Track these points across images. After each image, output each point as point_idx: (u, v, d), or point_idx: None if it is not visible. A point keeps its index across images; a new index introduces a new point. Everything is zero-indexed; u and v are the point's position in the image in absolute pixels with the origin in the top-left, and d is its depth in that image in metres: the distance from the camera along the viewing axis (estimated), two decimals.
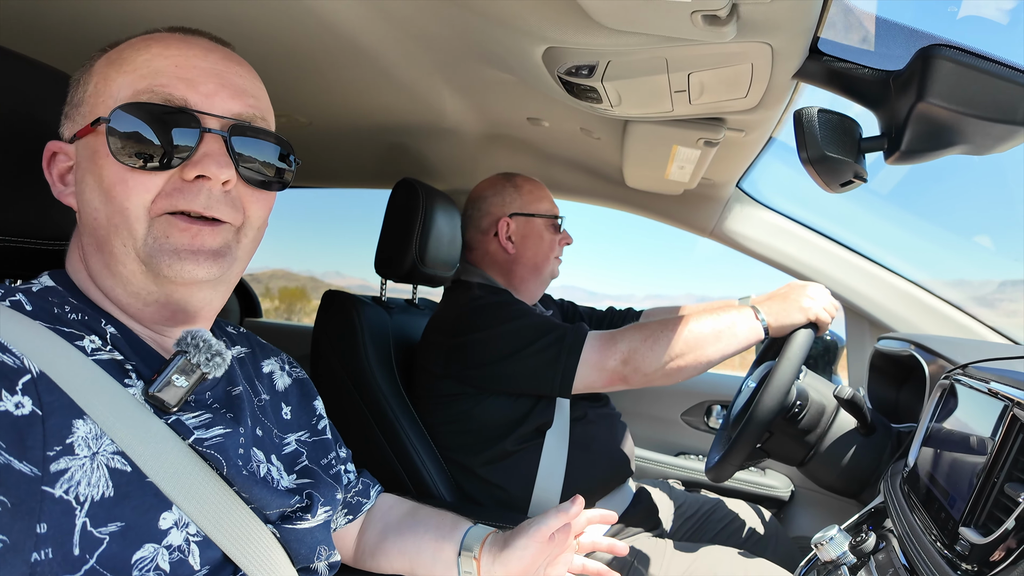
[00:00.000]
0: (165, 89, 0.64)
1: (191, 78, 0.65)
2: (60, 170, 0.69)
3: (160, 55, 0.66)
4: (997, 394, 0.76)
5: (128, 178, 0.63)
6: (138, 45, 0.67)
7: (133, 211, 0.63)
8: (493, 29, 1.00)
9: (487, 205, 1.61)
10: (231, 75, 0.69)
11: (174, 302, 0.68)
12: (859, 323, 1.84)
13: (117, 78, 0.65)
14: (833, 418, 1.24)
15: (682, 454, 2.16)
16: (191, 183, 0.65)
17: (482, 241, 1.62)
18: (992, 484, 0.68)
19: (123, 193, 0.63)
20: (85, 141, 0.66)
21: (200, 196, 0.65)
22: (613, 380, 1.29)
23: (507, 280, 1.60)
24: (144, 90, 0.64)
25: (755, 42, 0.87)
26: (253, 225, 0.72)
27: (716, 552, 1.37)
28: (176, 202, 0.64)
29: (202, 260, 0.65)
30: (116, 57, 0.67)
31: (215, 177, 0.64)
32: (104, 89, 0.66)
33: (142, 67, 0.65)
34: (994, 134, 0.82)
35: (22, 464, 0.51)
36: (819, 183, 0.92)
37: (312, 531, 0.77)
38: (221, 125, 0.66)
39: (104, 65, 0.67)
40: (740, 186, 1.84)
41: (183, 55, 0.66)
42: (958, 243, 2.22)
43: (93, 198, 0.65)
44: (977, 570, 0.63)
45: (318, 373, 1.51)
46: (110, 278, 0.67)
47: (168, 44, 0.67)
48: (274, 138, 0.72)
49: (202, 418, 0.68)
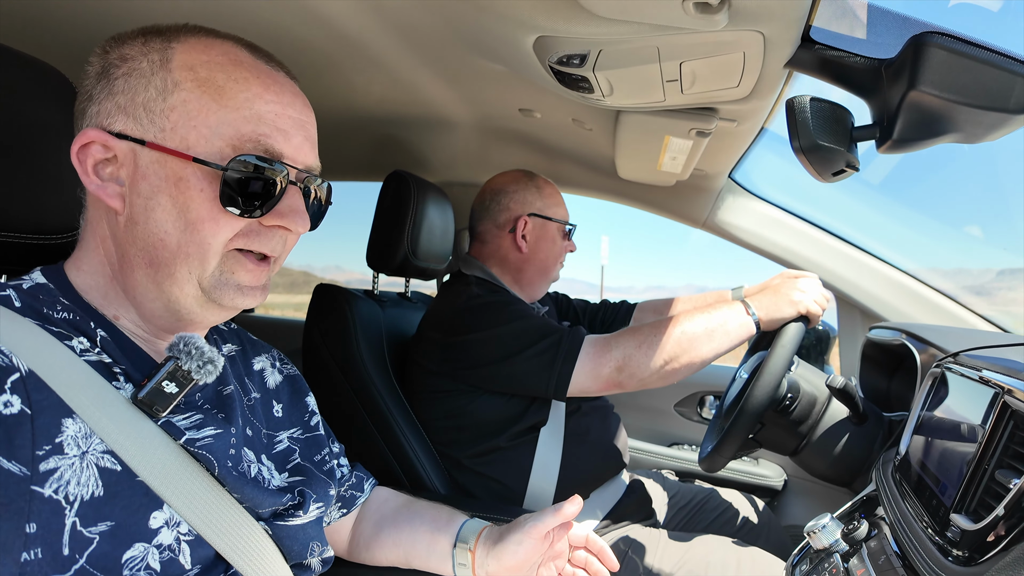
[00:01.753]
0: (267, 140, 0.66)
1: (286, 130, 0.68)
2: (95, 160, 0.65)
3: (261, 97, 0.66)
4: (988, 382, 0.76)
5: (219, 218, 0.65)
6: (234, 75, 0.65)
7: (214, 247, 0.65)
8: (483, 18, 0.99)
9: (508, 200, 1.58)
10: (310, 127, 0.72)
11: (204, 320, 0.71)
12: (851, 313, 1.85)
13: (217, 111, 0.64)
14: (825, 408, 1.25)
15: (675, 445, 2.17)
16: (268, 228, 0.69)
17: (497, 235, 1.60)
18: (983, 471, 0.68)
19: (211, 231, 0.65)
20: (162, 158, 0.63)
21: (273, 240, 0.70)
22: (608, 386, 1.29)
23: (514, 278, 1.59)
24: (248, 137, 0.65)
25: (747, 30, 0.87)
26: (284, 257, 0.76)
27: (710, 541, 1.38)
28: (251, 243, 0.68)
29: (257, 294, 0.71)
30: (208, 79, 0.64)
31: (296, 232, 0.70)
32: (199, 114, 0.63)
33: (244, 107, 0.65)
34: (986, 122, 0.82)
35: (11, 463, 0.51)
36: (811, 172, 0.92)
37: (305, 527, 0.77)
38: (298, 177, 0.70)
39: (194, 84, 0.64)
40: (732, 177, 1.84)
41: (280, 102, 0.68)
42: (949, 233, 2.23)
43: (166, 220, 0.64)
44: (968, 556, 0.64)
45: (310, 367, 1.50)
46: (153, 291, 0.66)
47: (267, 85, 0.67)
48: (329, 187, 0.77)
49: (193, 419, 0.67)
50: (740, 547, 1.35)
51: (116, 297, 0.68)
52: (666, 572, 1.31)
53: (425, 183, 1.60)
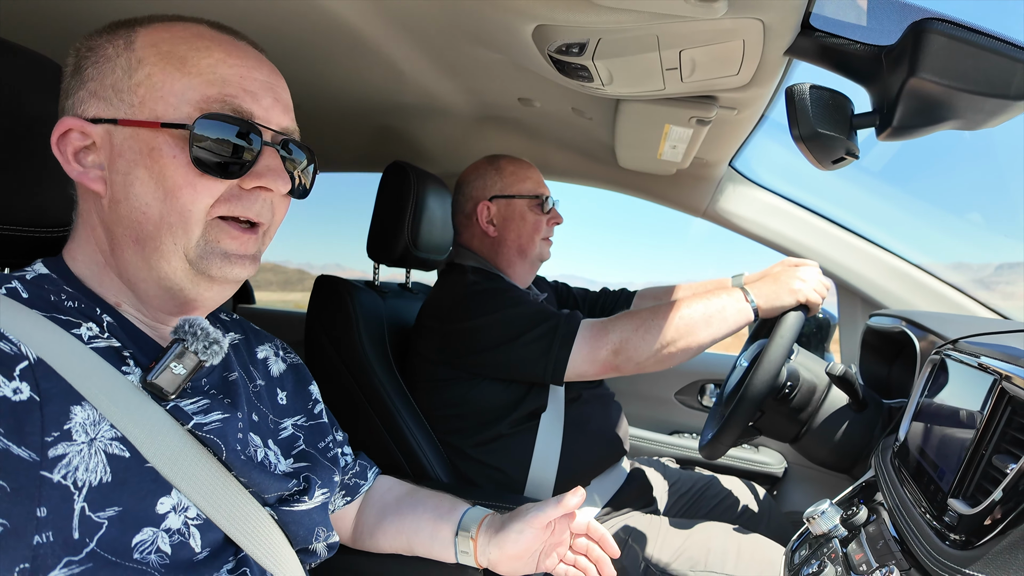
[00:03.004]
0: (235, 100, 0.66)
1: (254, 91, 0.68)
2: (75, 148, 0.66)
3: (224, 62, 0.67)
4: (986, 368, 0.76)
5: (196, 183, 0.65)
6: (196, 44, 0.66)
7: (195, 214, 0.65)
8: (482, 7, 0.98)
9: (469, 189, 1.60)
10: (280, 90, 0.72)
11: (200, 299, 0.70)
12: (851, 300, 1.85)
13: (181, 78, 0.64)
14: (825, 395, 1.25)
15: (676, 432, 2.18)
16: (249, 192, 0.68)
17: (467, 225, 1.62)
18: (980, 456, 0.69)
19: (189, 196, 0.64)
20: (134, 132, 0.64)
21: (256, 204, 0.69)
22: (605, 369, 1.30)
23: (495, 263, 1.60)
24: (214, 98, 0.65)
25: (746, 18, 0.87)
26: (275, 227, 0.75)
27: (710, 528, 1.39)
28: (233, 208, 0.67)
29: (246, 264, 0.70)
30: (170, 51, 0.65)
31: (276, 190, 0.69)
32: (163, 85, 0.64)
33: (207, 72, 0.65)
34: (986, 109, 0.82)
35: (20, 449, 0.52)
36: (811, 160, 0.92)
37: (310, 513, 0.78)
38: (274, 139, 0.70)
39: (157, 57, 0.65)
40: (733, 165, 1.83)
41: (245, 66, 0.68)
42: (951, 221, 2.23)
43: (145, 193, 0.64)
44: (965, 540, 0.65)
45: (312, 358, 1.51)
46: (144, 269, 0.67)
47: (228, 51, 0.68)
48: (310, 152, 0.76)
49: (200, 404, 0.68)
50: (741, 534, 1.36)
51: (112, 283, 0.69)
52: (667, 559, 1.32)
53: (425, 174, 1.60)
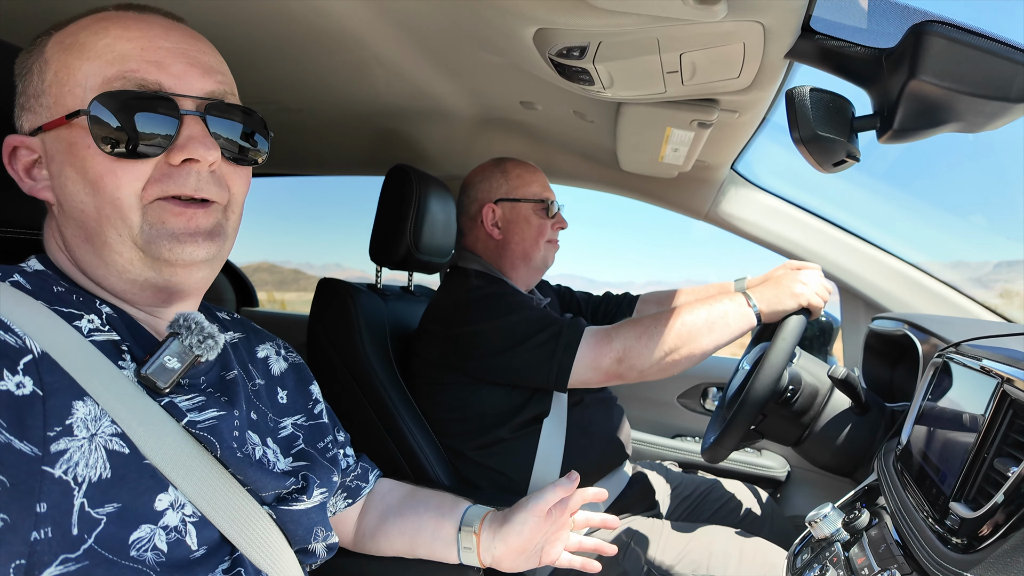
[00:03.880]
0: (137, 74, 0.63)
1: (159, 60, 0.64)
2: (24, 164, 0.67)
3: (122, 38, 0.63)
4: (989, 371, 0.76)
5: (116, 168, 0.63)
6: (94, 28, 0.64)
7: (126, 200, 0.63)
8: (483, 10, 0.99)
9: (475, 192, 1.60)
10: (196, 53, 0.68)
11: (172, 284, 0.68)
12: (854, 303, 1.84)
13: (81, 66, 0.63)
14: (827, 399, 1.25)
15: (678, 436, 2.17)
16: (178, 167, 0.65)
17: (472, 228, 1.62)
18: (982, 460, 0.69)
19: (113, 184, 0.63)
20: (56, 134, 0.64)
21: (190, 179, 0.65)
22: (608, 378, 1.29)
23: (500, 267, 1.59)
24: (115, 77, 0.62)
25: (747, 21, 0.87)
26: (237, 201, 0.72)
27: (713, 532, 1.38)
28: (167, 187, 0.64)
29: (201, 241, 0.66)
30: (72, 42, 0.64)
31: (203, 159, 0.65)
32: (68, 78, 0.63)
33: (105, 52, 0.63)
34: (987, 111, 0.82)
35: (22, 444, 0.51)
36: (811, 163, 0.92)
37: (308, 512, 0.78)
38: (196, 106, 0.66)
39: (60, 52, 0.64)
40: (735, 168, 1.83)
41: (145, 36, 0.64)
42: (953, 223, 2.22)
43: (77, 191, 0.64)
44: (967, 543, 0.64)
45: (314, 361, 1.51)
46: (102, 267, 0.66)
47: (127, 25, 0.64)
48: (247, 113, 0.71)
49: (195, 400, 0.68)
50: (743, 537, 1.36)
51: (88, 284, 0.69)
52: (669, 563, 1.31)
53: (427, 177, 1.60)
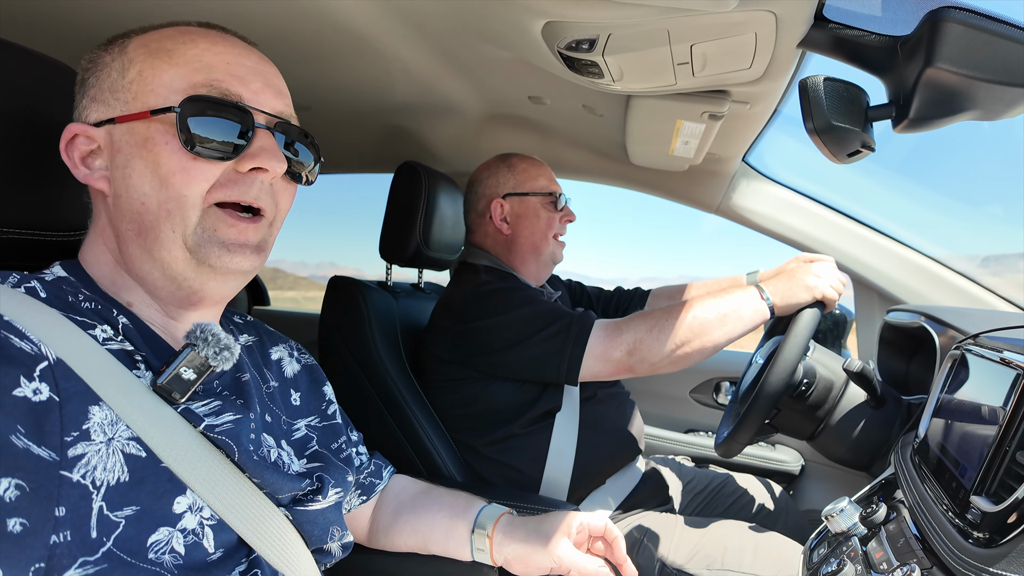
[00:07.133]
0: (222, 84, 0.67)
1: (242, 76, 0.69)
2: (82, 153, 0.69)
3: (209, 51, 0.68)
4: (1009, 363, 0.75)
5: (189, 167, 0.65)
6: (182, 38, 0.68)
7: (191, 199, 0.66)
8: (491, 5, 0.98)
9: (482, 187, 1.60)
10: (271, 76, 0.73)
11: (205, 289, 0.70)
12: (868, 296, 1.82)
13: (168, 69, 0.66)
14: (842, 392, 1.24)
15: (691, 431, 2.16)
16: (245, 175, 0.69)
17: (480, 224, 1.62)
18: (1003, 452, 0.68)
19: (183, 181, 0.65)
20: (130, 127, 0.66)
21: (252, 188, 0.69)
22: (619, 370, 1.29)
23: (509, 261, 1.59)
24: (202, 83, 0.66)
25: (758, 10, 0.86)
26: (281, 217, 0.76)
27: (726, 526, 1.38)
28: (230, 192, 0.68)
29: (248, 253, 0.70)
30: (158, 48, 0.68)
31: (272, 171, 0.69)
32: (153, 78, 0.66)
33: (194, 61, 0.67)
34: (1005, 98, 0.80)
35: (40, 449, 0.52)
36: (825, 154, 0.91)
37: (324, 512, 0.78)
38: (268, 121, 0.70)
39: (146, 54, 0.67)
40: (746, 160, 1.82)
41: (231, 53, 0.69)
42: (968, 213, 2.19)
43: (143, 183, 0.66)
44: (989, 538, 0.63)
45: (326, 359, 1.51)
46: (149, 262, 0.68)
47: (214, 41, 0.69)
48: (309, 136, 0.77)
49: (211, 405, 0.69)
50: (757, 532, 1.35)
51: (124, 282, 0.70)
52: (683, 558, 1.31)
53: (436, 173, 1.60)
